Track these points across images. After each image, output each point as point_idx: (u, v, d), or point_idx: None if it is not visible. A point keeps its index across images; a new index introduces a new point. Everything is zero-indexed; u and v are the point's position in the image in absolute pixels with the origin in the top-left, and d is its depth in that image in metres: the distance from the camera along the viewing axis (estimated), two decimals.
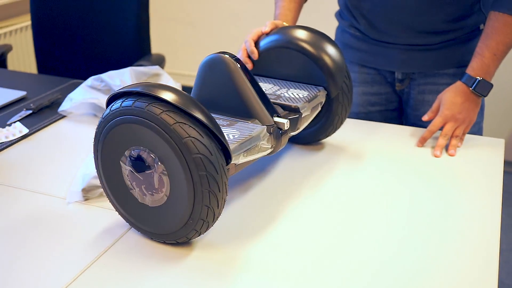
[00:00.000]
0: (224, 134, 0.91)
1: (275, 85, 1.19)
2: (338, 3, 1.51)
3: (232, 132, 0.96)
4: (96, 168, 0.95)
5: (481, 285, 0.82)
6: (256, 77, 1.21)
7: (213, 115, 1.01)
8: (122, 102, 0.86)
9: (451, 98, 1.24)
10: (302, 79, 1.19)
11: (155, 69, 1.47)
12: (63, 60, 2.07)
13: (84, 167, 1.09)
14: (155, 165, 0.85)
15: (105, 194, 1.04)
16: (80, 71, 2.00)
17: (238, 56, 1.20)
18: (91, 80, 1.42)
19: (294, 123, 1.06)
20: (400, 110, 1.52)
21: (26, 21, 2.64)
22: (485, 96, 1.26)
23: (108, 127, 0.89)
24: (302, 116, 1.09)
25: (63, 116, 1.42)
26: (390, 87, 1.48)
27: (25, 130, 1.32)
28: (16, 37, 2.60)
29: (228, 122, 1.00)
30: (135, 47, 1.98)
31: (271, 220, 0.99)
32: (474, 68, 1.24)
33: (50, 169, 1.18)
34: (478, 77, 1.23)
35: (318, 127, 1.21)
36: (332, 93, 1.15)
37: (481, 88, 1.23)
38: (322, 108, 1.17)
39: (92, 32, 2.02)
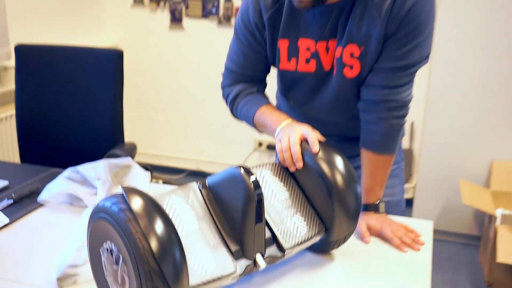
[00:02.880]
0: (198, 260, 0.92)
1: (289, 199, 1.11)
2: None
3: (207, 262, 0.93)
4: (87, 245, 0.96)
5: None
6: (281, 176, 1.15)
7: (212, 219, 1.01)
8: (107, 200, 0.88)
9: (373, 223, 1.27)
10: (317, 206, 1.11)
11: (127, 161, 1.49)
12: (44, 149, 2.06)
13: (60, 256, 1.08)
14: (120, 263, 0.86)
15: (78, 283, 1.04)
16: (59, 159, 1.98)
17: (285, 158, 1.14)
18: (68, 172, 1.42)
19: (272, 261, 1.02)
20: None
21: (10, 110, 2.63)
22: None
23: (94, 217, 0.91)
24: (284, 257, 1.04)
25: (42, 205, 1.40)
26: None
27: (6, 220, 1.30)
28: (0, 125, 2.59)
29: (214, 242, 0.98)
30: (110, 137, 1.99)
31: None
32: (371, 200, 1.31)
33: (27, 258, 1.16)
34: (377, 202, 1.31)
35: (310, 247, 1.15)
36: (328, 240, 1.11)
37: (382, 208, 1.31)
38: None
39: (71, 123, 2.03)
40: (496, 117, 2.68)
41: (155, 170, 3.74)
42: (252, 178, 0.97)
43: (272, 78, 1.44)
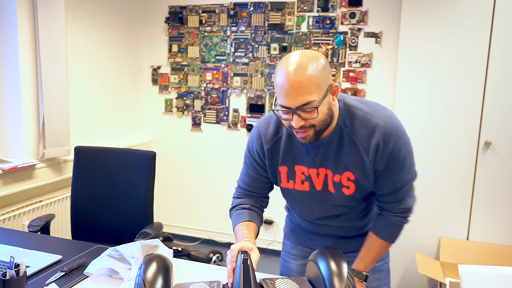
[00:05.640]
0: None
1: (293, 284, 1.06)
2: None
3: None
4: None
5: None
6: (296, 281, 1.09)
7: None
8: (140, 270, 0.98)
9: None
10: (317, 286, 1.03)
11: (155, 242, 1.47)
12: (91, 226, 2.05)
13: None
14: None
15: None
16: (103, 235, 1.97)
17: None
18: (109, 250, 1.42)
19: None
20: None
21: (67, 192, 2.64)
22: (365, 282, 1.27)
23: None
24: None
25: (87, 276, 1.38)
26: None
27: None
28: (58, 205, 2.59)
29: None
30: (142, 219, 1.98)
31: None
32: (360, 268, 1.28)
33: None
34: (364, 272, 1.28)
35: None
36: None
37: (366, 280, 1.28)
38: None
39: (113, 207, 2.03)
40: (442, 205, 2.69)
41: (175, 238, 3.68)
42: (244, 254, 1.02)
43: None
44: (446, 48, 2.59)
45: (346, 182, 1.22)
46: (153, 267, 0.95)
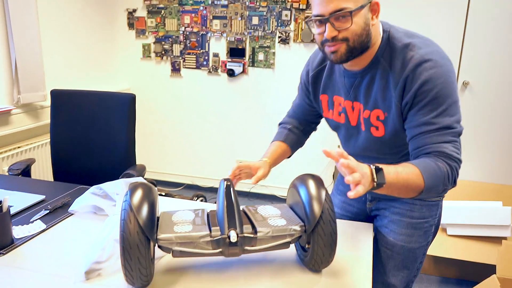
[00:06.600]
0: (180, 228, 0.97)
1: (280, 213, 1.05)
2: None
3: (186, 229, 0.98)
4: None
5: None
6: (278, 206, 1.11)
7: (208, 218, 1.04)
8: (126, 196, 0.96)
9: (360, 164, 0.94)
10: (297, 211, 1.05)
11: (139, 180, 1.48)
12: (72, 170, 2.04)
13: (87, 254, 1.07)
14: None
15: (102, 275, 1.03)
16: (85, 177, 1.97)
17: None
18: (93, 188, 1.41)
19: (247, 241, 0.96)
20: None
21: (46, 139, 2.60)
22: (378, 184, 0.94)
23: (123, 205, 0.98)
24: (257, 238, 0.96)
25: (72, 214, 1.39)
26: (363, 204, 1.41)
27: (43, 226, 1.29)
28: (38, 151, 2.55)
29: (199, 224, 1.00)
30: (125, 160, 1.98)
31: None
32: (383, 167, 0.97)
33: (60, 256, 1.14)
34: (379, 166, 0.96)
35: (307, 260, 1.03)
36: (307, 230, 0.98)
37: (380, 176, 0.95)
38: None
39: (94, 150, 2.02)
40: None
41: (159, 184, 3.71)
42: (227, 181, 1.02)
43: None
44: None
45: (376, 121, 1.15)
46: (139, 193, 0.95)
